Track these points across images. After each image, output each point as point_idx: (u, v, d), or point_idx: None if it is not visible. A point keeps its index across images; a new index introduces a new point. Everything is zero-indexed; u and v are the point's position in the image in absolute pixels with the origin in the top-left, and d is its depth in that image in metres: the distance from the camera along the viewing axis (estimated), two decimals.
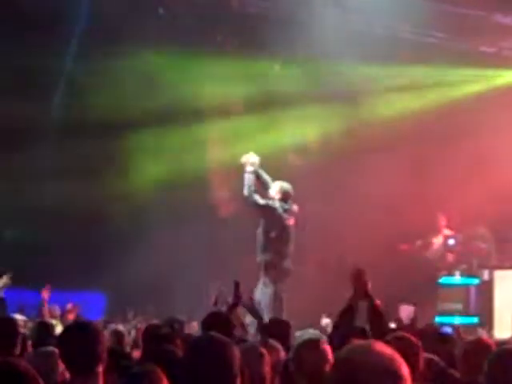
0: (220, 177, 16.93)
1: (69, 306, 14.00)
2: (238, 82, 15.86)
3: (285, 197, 10.97)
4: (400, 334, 5.07)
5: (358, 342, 2.64)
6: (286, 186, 11.09)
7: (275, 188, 11.03)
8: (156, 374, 4.11)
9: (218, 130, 16.94)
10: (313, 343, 4.86)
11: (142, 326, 9.09)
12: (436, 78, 16.24)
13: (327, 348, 4.81)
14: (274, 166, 16.55)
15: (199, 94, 16.42)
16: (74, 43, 15.74)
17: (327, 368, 4.47)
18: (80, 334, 4.40)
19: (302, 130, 16.99)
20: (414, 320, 8.74)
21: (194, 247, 15.88)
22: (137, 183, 16.90)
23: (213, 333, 4.26)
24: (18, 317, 8.59)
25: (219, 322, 5.97)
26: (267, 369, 4.95)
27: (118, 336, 7.09)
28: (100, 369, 4.38)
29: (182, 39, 15.03)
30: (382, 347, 2.50)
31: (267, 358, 4.96)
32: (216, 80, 15.87)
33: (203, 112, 16.66)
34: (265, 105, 16.35)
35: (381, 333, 5.48)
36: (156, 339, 5.97)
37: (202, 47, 15.42)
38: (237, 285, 7.61)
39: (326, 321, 11.55)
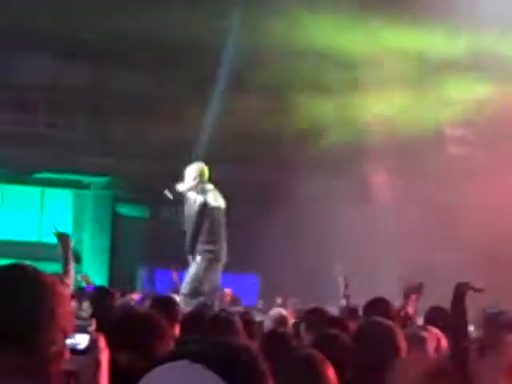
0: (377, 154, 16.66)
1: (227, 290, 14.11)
2: (400, 51, 15.54)
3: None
4: None
5: None
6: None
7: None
8: (317, 358, 4.07)
9: (372, 101, 16.63)
10: None
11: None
12: None
13: None
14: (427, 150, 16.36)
15: (357, 61, 16.17)
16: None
17: None
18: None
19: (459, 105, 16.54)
20: None
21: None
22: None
23: (376, 317, 4.25)
24: (176, 297, 8.74)
25: (380, 307, 5.90)
26: (429, 355, 4.82)
27: (280, 321, 7.06)
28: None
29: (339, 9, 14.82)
30: None
31: (431, 344, 4.84)
32: (379, 46, 15.58)
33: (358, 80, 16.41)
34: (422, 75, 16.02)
35: None
36: (321, 323, 5.89)
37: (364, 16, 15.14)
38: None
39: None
